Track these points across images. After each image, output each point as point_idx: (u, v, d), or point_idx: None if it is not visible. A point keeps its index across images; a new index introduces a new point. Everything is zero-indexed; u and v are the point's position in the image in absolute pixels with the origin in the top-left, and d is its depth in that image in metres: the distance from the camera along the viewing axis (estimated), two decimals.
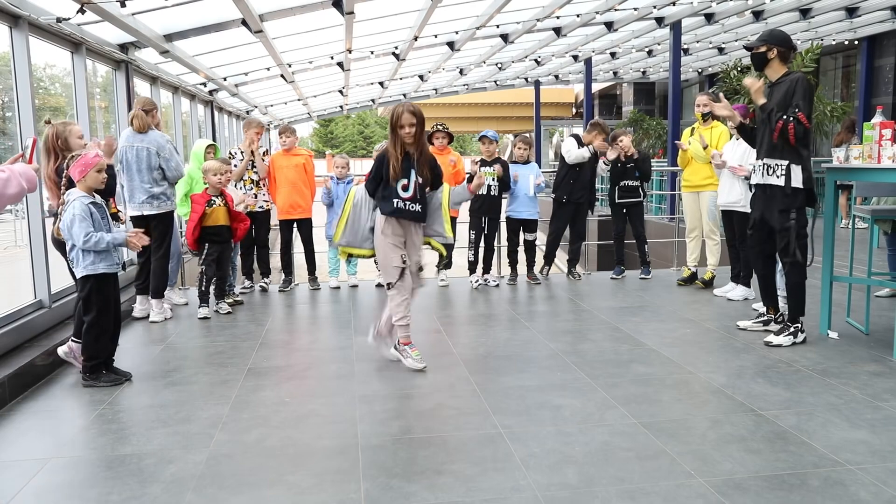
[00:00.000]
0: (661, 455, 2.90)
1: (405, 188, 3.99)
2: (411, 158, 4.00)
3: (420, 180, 4.00)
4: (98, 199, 3.96)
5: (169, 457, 2.98)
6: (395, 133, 3.97)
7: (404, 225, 4.09)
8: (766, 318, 4.79)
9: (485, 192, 6.58)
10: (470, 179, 4.42)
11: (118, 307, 4.13)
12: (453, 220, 6.75)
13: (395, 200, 3.99)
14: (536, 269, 6.98)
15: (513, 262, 6.94)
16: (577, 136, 6.88)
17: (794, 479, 2.67)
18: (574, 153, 6.71)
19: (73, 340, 4.21)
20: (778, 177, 4.32)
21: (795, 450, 2.92)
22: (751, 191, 4.63)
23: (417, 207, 4.03)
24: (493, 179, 6.51)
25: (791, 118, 4.18)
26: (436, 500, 2.56)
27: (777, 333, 4.49)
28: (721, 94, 4.59)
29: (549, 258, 7.08)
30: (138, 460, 2.96)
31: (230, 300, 5.97)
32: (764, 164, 4.42)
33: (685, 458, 2.86)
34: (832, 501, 2.50)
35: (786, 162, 4.29)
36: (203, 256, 5.60)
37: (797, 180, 4.28)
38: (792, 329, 4.45)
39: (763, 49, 4.37)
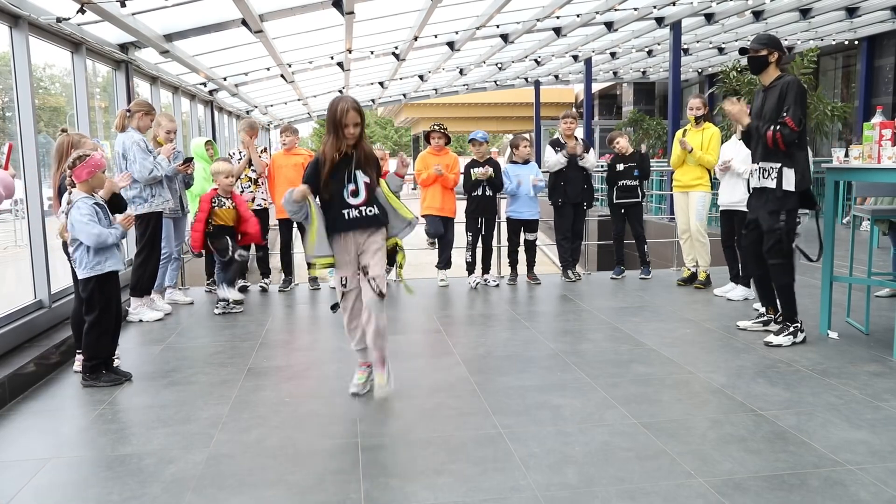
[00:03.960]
0: (661, 455, 2.89)
1: (355, 194, 3.51)
2: (352, 160, 3.51)
3: (368, 180, 3.54)
4: (99, 198, 3.98)
5: (169, 457, 2.98)
6: (335, 133, 3.45)
7: (354, 237, 3.57)
8: (766, 318, 4.79)
9: (479, 193, 6.59)
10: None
11: (119, 306, 4.13)
12: (450, 220, 6.76)
13: (347, 211, 3.50)
14: (536, 268, 6.99)
15: (513, 263, 6.93)
16: (554, 143, 6.85)
17: (794, 479, 2.67)
18: (552, 161, 6.74)
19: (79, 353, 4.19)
20: (771, 179, 4.34)
21: (795, 450, 2.92)
22: (749, 191, 4.64)
23: (374, 210, 3.55)
24: (485, 180, 6.54)
25: (778, 126, 4.20)
26: (436, 500, 2.56)
27: (777, 333, 4.49)
28: (735, 99, 4.59)
29: (566, 261, 7.03)
30: (138, 460, 2.96)
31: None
32: (759, 168, 4.44)
33: (685, 458, 2.86)
34: (832, 501, 2.50)
35: (778, 165, 4.30)
36: (227, 252, 5.67)
37: (789, 183, 4.29)
38: (791, 329, 4.45)
39: (764, 53, 4.38)
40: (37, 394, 3.87)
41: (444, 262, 6.85)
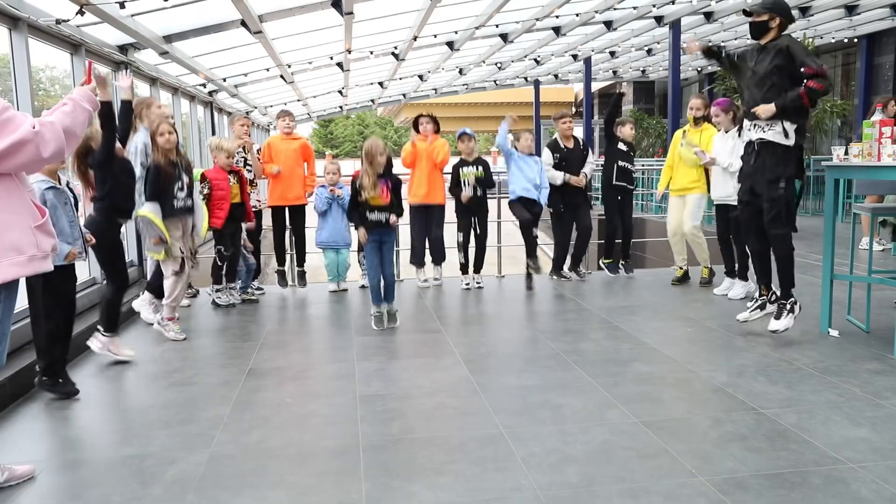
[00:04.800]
0: (662, 454, 2.90)
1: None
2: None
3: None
4: (59, 183, 3.62)
5: (170, 458, 2.98)
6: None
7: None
8: (759, 302, 4.68)
9: (470, 195, 6.44)
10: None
11: (71, 306, 3.82)
12: (438, 207, 6.55)
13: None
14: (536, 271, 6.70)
15: (528, 242, 6.44)
16: (552, 146, 6.72)
17: (796, 477, 2.67)
18: (549, 174, 6.57)
19: (100, 332, 4.27)
20: (775, 132, 4.27)
21: (796, 448, 2.92)
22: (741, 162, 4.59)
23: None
24: (474, 179, 6.42)
25: (806, 83, 4.13)
26: (437, 500, 2.56)
27: (777, 317, 4.45)
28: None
29: (560, 264, 6.95)
30: (139, 461, 2.96)
31: (241, 297, 6.03)
32: (755, 124, 4.37)
33: (686, 456, 2.86)
34: (833, 499, 2.50)
35: (778, 121, 4.26)
36: (219, 238, 5.67)
37: (789, 136, 4.25)
38: (788, 306, 4.42)
39: (765, 17, 4.31)
40: (37, 395, 3.86)
41: (437, 257, 6.73)
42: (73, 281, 3.85)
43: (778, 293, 4.55)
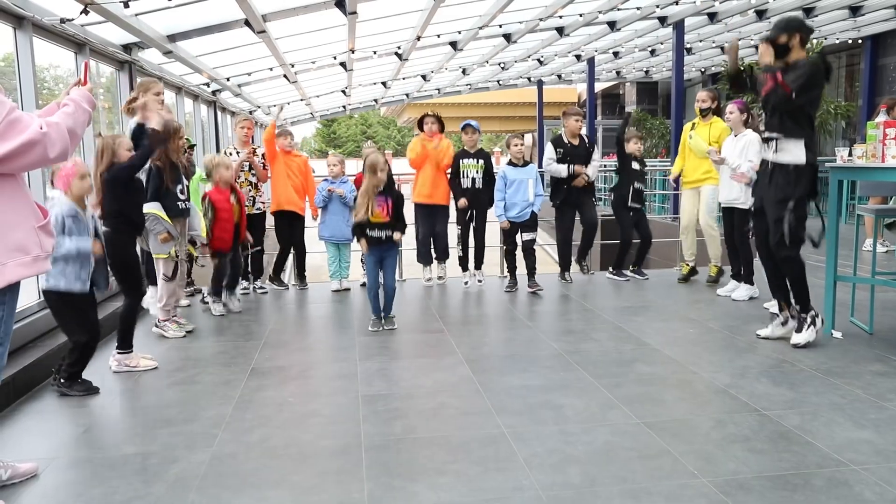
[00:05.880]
0: (663, 455, 2.89)
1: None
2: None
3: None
4: (81, 212, 3.65)
5: (172, 456, 2.98)
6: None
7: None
8: (781, 318, 4.61)
9: (469, 186, 6.40)
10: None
11: (96, 328, 3.88)
12: (442, 207, 6.58)
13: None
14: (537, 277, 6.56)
15: (511, 267, 6.52)
16: (556, 141, 6.65)
17: (798, 479, 2.66)
18: (553, 168, 6.54)
19: (116, 351, 4.23)
20: (775, 152, 4.24)
21: (799, 450, 2.91)
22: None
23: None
24: (477, 172, 6.42)
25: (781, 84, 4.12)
26: (438, 500, 2.56)
27: (798, 331, 4.40)
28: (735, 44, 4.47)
29: (566, 263, 6.90)
30: (142, 460, 2.96)
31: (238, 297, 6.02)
32: (768, 138, 4.34)
33: (688, 457, 2.86)
34: (836, 501, 2.49)
35: (790, 137, 4.21)
36: (218, 257, 5.63)
37: (799, 156, 4.19)
38: (809, 320, 4.37)
39: (784, 39, 4.28)
40: (40, 394, 3.87)
41: (441, 253, 6.74)
42: (94, 308, 3.87)
43: (797, 307, 4.48)
